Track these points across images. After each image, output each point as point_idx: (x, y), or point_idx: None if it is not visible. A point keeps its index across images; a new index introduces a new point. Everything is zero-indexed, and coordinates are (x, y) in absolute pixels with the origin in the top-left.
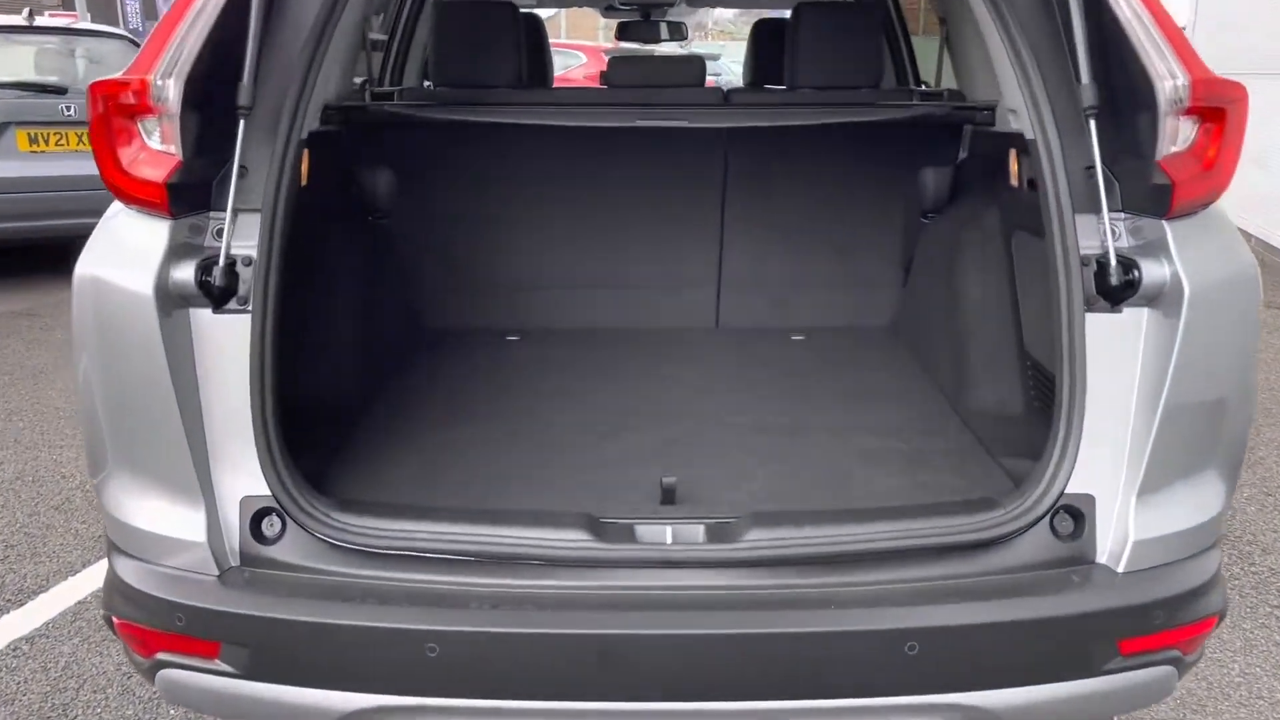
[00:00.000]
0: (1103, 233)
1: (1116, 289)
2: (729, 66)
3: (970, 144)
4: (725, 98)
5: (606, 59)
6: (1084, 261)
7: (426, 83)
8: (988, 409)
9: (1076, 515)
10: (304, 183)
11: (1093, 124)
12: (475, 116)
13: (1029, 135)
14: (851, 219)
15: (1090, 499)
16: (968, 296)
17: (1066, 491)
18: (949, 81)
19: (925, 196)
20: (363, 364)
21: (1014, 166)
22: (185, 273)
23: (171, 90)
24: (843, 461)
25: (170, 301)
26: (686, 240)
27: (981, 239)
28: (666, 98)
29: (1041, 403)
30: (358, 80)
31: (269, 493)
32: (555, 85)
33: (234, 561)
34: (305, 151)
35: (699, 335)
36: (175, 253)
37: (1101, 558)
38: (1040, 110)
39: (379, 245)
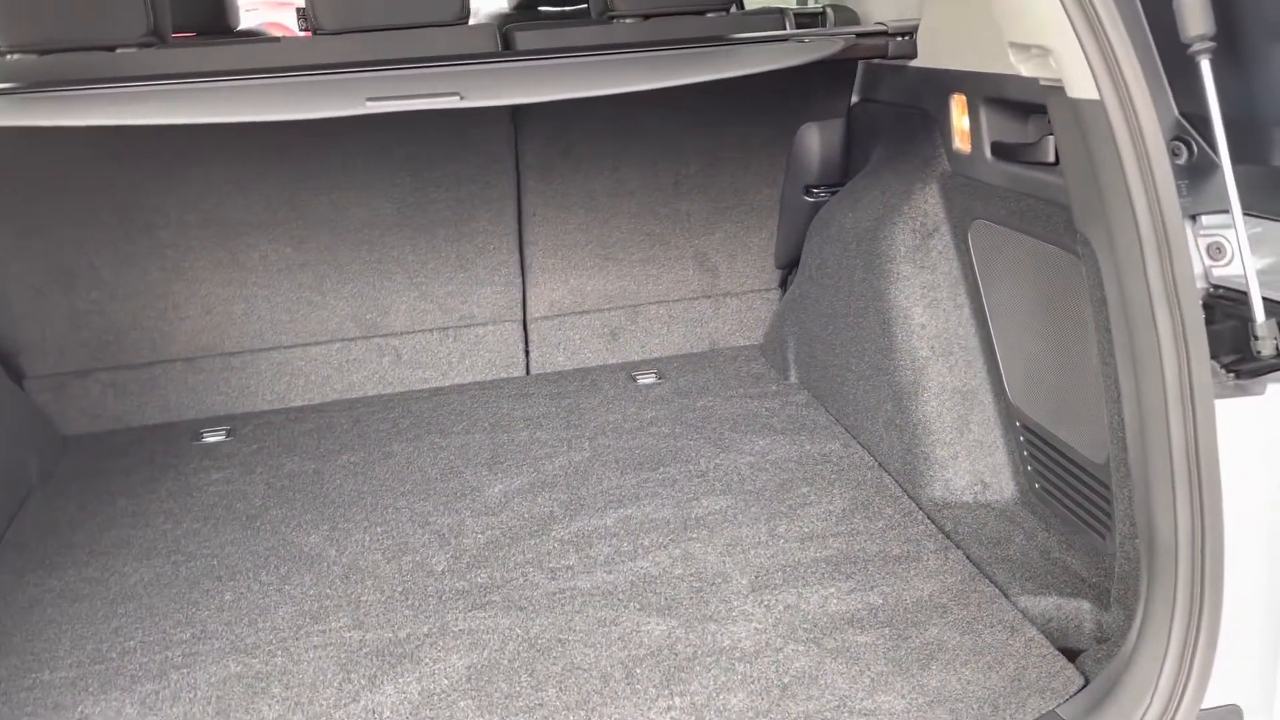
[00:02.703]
0: (1229, 251)
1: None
2: None
3: (864, 84)
4: (503, 41)
5: None
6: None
7: None
8: (965, 499)
9: None
10: None
11: (1206, 65)
12: (80, 117)
13: (1079, 91)
14: (700, 204)
15: (1236, 712)
16: (909, 323)
17: (1204, 708)
18: None
19: (807, 165)
20: None
21: (957, 121)
22: None
23: None
24: (782, 654)
25: None
26: (469, 256)
27: (918, 233)
28: (412, 49)
29: (1045, 486)
30: None
31: None
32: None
33: None
34: None
35: (504, 394)
36: None
37: None
38: (1109, 43)
39: None
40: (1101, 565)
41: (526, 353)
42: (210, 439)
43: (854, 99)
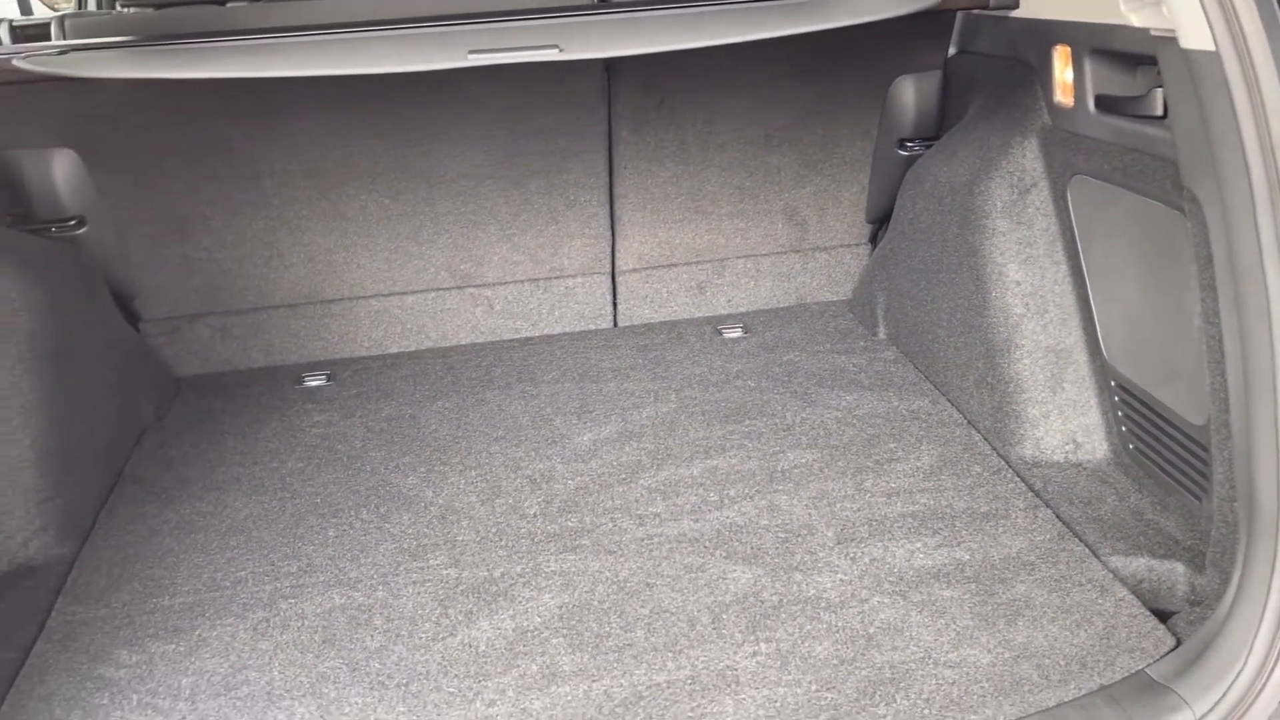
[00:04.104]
0: None
1: None
2: None
3: (963, 35)
4: None
5: None
6: None
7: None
8: (1056, 458)
9: None
10: None
11: None
12: (195, 70)
13: (1193, 42)
14: (791, 158)
15: None
16: (1003, 279)
17: None
18: None
19: (902, 118)
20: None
21: (1059, 74)
22: None
23: None
24: (868, 605)
25: None
26: (560, 209)
27: (1016, 188)
28: (509, 0)
29: (1140, 447)
30: None
31: None
32: None
33: None
34: None
35: (592, 345)
36: None
37: None
38: None
39: (71, 271)
40: (1196, 527)
41: (614, 305)
42: (311, 383)
43: (951, 51)
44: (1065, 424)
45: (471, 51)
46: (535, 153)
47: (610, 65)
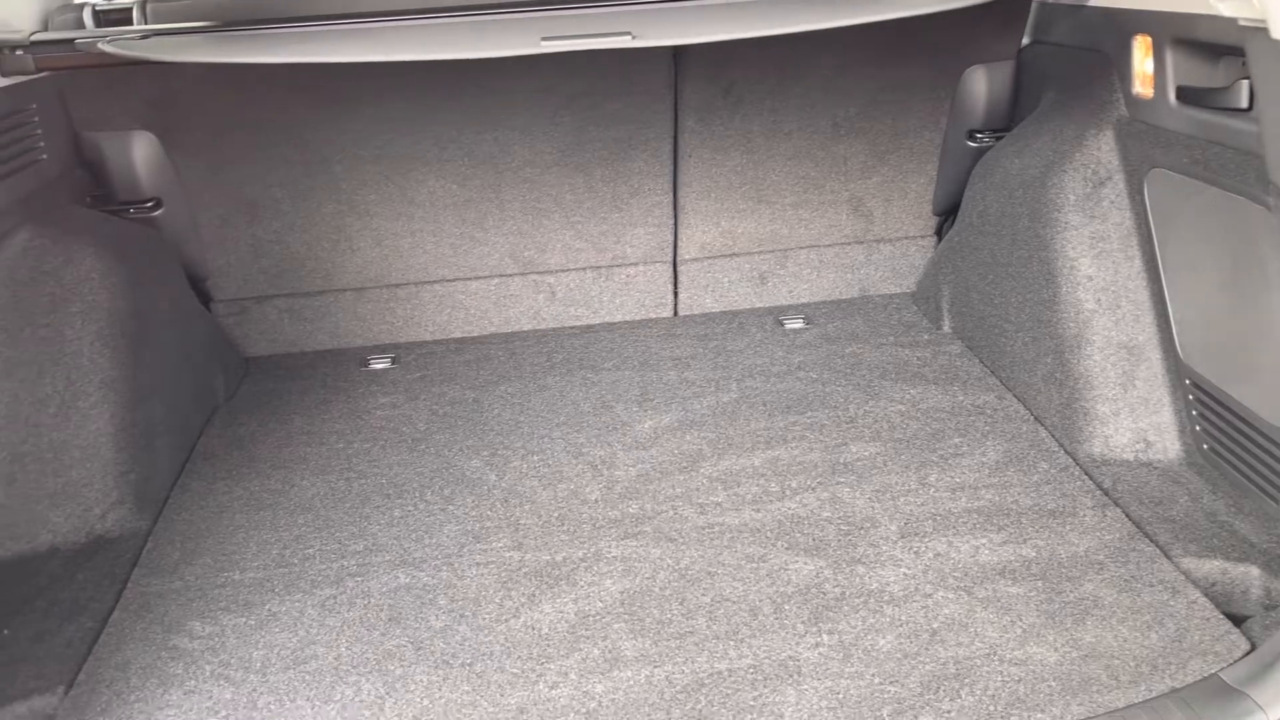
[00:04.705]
0: None
1: None
2: None
3: (1038, 24)
4: None
5: None
6: None
7: None
8: (1126, 457)
9: None
10: None
11: None
12: (272, 55)
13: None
14: (858, 147)
15: None
16: (1075, 274)
17: None
18: None
19: (972, 108)
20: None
21: (1138, 64)
22: None
23: None
24: (932, 600)
25: None
26: (624, 197)
27: (1090, 181)
28: None
29: (1215, 447)
30: None
31: None
32: None
33: None
34: None
35: (652, 333)
36: None
37: None
38: None
39: (148, 251)
40: (1274, 530)
41: (675, 294)
42: (377, 365)
43: (1025, 40)
44: (1136, 422)
45: (545, 38)
46: (601, 140)
47: (678, 53)
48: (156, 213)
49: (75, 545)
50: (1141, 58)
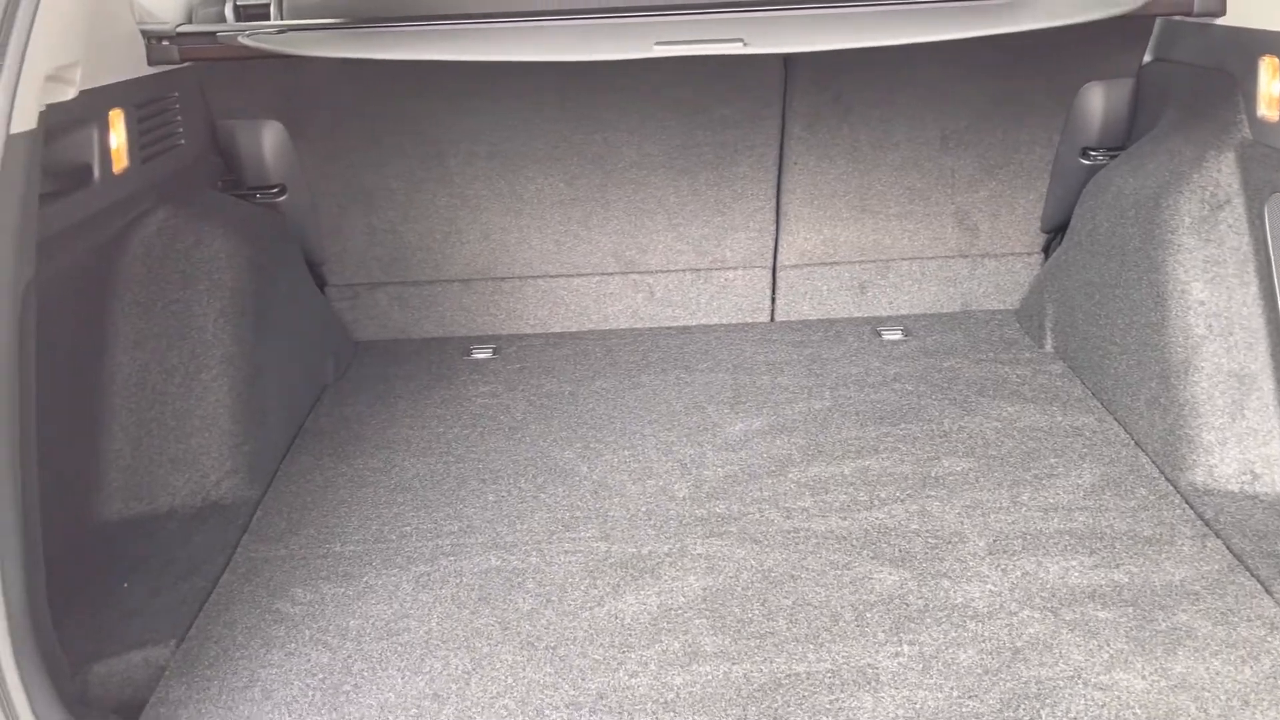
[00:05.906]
0: None
1: None
2: None
3: (1160, 42)
4: None
5: None
6: None
7: None
8: (1230, 488)
9: None
10: (121, 165)
11: None
12: (401, 52)
13: None
14: (966, 160)
15: None
16: (1185, 298)
17: None
18: None
19: (1088, 125)
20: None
21: (1266, 86)
22: None
23: None
24: (1017, 618)
25: None
26: (727, 201)
27: (1207, 204)
28: None
29: None
30: None
31: None
32: None
33: None
34: (117, 115)
35: (748, 337)
36: None
37: None
38: None
39: (272, 235)
40: None
41: (773, 299)
42: (479, 355)
43: (1147, 58)
44: (1244, 453)
45: (658, 43)
46: (708, 144)
47: (788, 60)
48: (281, 199)
49: (191, 509)
50: (1269, 79)
